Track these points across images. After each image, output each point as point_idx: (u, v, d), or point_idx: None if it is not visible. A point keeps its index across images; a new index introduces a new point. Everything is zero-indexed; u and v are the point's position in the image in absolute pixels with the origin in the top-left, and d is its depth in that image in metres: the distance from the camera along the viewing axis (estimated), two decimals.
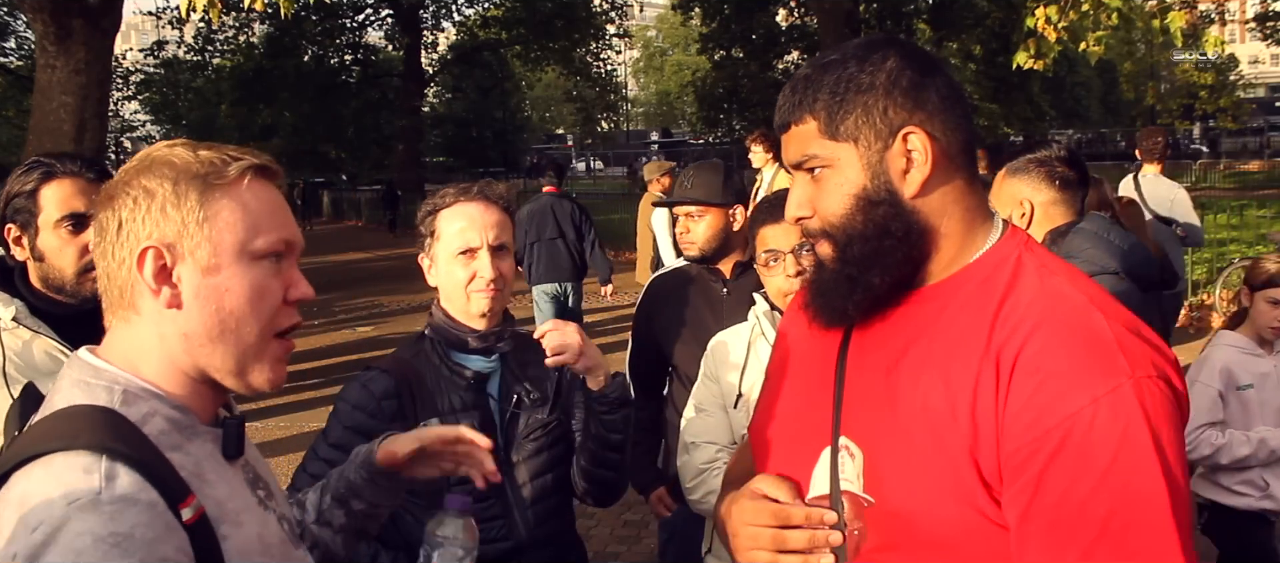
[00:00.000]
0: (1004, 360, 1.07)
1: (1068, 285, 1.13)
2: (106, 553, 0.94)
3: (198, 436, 1.12)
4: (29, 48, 26.90)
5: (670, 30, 61.82)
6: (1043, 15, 8.11)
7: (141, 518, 0.98)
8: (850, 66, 1.17)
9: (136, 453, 1.02)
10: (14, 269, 2.06)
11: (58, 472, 0.99)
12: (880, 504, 1.13)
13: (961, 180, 1.19)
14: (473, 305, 2.02)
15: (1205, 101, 41.38)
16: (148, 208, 1.09)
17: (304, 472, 2.01)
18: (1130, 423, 1.01)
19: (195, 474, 1.07)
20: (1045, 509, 1.03)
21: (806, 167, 1.21)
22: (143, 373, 1.11)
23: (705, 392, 2.41)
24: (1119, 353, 1.04)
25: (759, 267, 2.32)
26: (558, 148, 59.63)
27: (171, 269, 1.09)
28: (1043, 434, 1.02)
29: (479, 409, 2.03)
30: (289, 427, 7.09)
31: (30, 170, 2.02)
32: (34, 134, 9.71)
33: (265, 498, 1.20)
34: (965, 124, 1.19)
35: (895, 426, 1.13)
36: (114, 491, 0.98)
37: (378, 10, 32.49)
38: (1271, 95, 56.79)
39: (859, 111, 1.16)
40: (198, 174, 1.10)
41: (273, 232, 1.14)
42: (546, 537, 2.09)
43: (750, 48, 27.78)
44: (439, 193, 2.08)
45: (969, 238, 1.19)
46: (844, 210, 1.18)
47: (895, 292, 1.18)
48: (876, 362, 1.19)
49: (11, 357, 1.94)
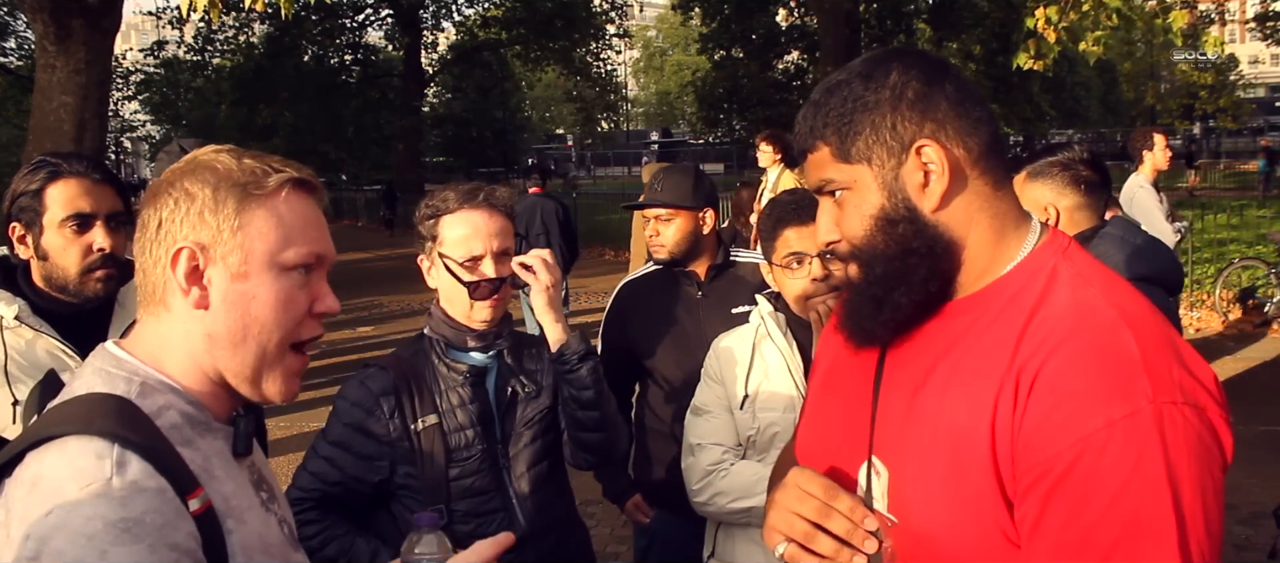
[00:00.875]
0: (1024, 379, 1.04)
1: (1101, 299, 1.08)
2: (117, 538, 0.97)
3: (210, 432, 1.15)
4: (29, 48, 26.90)
5: (670, 30, 61.84)
6: (1043, 16, 8.12)
7: (151, 504, 1.00)
8: (855, 86, 1.15)
9: (147, 443, 1.05)
10: (16, 268, 2.06)
11: (71, 456, 1.02)
12: (903, 524, 1.12)
13: (986, 185, 1.15)
14: (476, 313, 2.03)
15: (1205, 101, 41.37)
16: (187, 210, 1.13)
17: (304, 470, 2.02)
18: (1145, 452, 0.97)
19: (204, 469, 1.10)
20: (1050, 533, 1.00)
21: (827, 191, 1.19)
22: (165, 367, 1.14)
23: (709, 394, 2.40)
24: (1143, 375, 0.99)
25: (778, 268, 2.28)
26: (558, 148, 59.63)
27: (203, 271, 1.13)
28: (1054, 456, 0.99)
29: (477, 403, 2.04)
30: (289, 427, 7.09)
31: (36, 169, 2.02)
32: (34, 134, 9.71)
33: (267, 500, 1.22)
34: (983, 126, 1.15)
35: (919, 445, 1.11)
36: (125, 477, 1.00)
37: (378, 10, 32.47)
38: (1271, 95, 56.77)
39: (868, 131, 1.14)
40: (238, 183, 1.14)
41: (304, 245, 1.17)
42: (548, 525, 2.11)
43: (750, 48, 27.76)
44: (439, 194, 2.07)
45: (1001, 246, 1.15)
46: (865, 232, 1.16)
47: (925, 308, 1.16)
48: (905, 379, 1.17)
49: (13, 355, 1.94)
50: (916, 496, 1.10)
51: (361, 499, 2.02)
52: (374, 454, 1.98)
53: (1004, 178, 1.17)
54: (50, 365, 1.95)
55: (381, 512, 2.05)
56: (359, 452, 1.98)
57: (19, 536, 0.99)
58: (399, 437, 1.98)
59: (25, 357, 1.95)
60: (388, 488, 2.01)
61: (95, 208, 2.01)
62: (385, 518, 2.04)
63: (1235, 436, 1.06)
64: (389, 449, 1.98)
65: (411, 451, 1.98)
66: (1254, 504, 4.86)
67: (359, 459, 1.98)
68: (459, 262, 2.00)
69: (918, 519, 1.10)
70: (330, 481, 1.99)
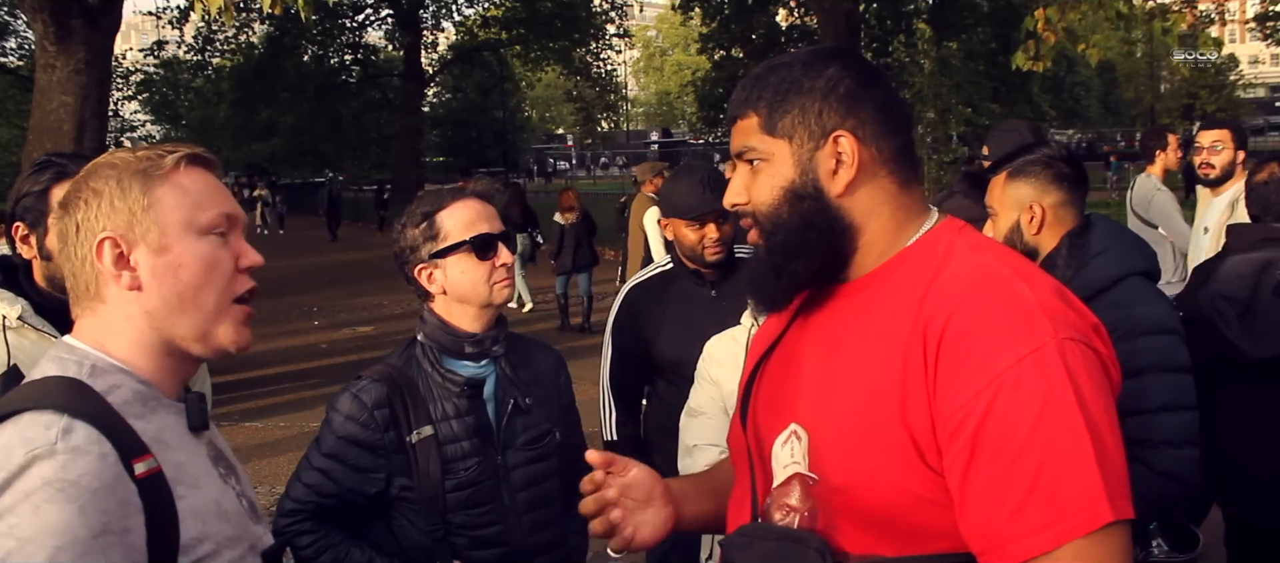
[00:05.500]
0: (931, 335, 1.13)
1: (995, 260, 1.20)
2: (52, 497, 1.05)
3: (162, 407, 1.23)
4: (29, 48, 26.90)
5: (670, 30, 61.81)
6: (1042, 17, 8.12)
7: (91, 468, 1.08)
8: (795, 70, 1.26)
9: (95, 413, 1.13)
10: (18, 267, 2.06)
11: (22, 426, 1.11)
12: (823, 482, 1.20)
13: (893, 183, 1.26)
14: (495, 296, 2.02)
15: (1205, 101, 41.38)
16: (97, 206, 1.22)
17: (298, 481, 2.00)
18: (1054, 381, 1.06)
19: (156, 439, 1.18)
20: (982, 468, 1.08)
21: (746, 158, 1.29)
22: (111, 351, 1.22)
23: (703, 395, 2.40)
24: (1042, 317, 1.10)
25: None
26: (558, 148, 59.62)
27: (128, 255, 1.22)
28: (974, 396, 1.08)
29: (473, 415, 2.02)
30: (289, 427, 7.10)
31: (42, 170, 2.02)
32: (34, 134, 9.71)
33: (226, 475, 1.30)
34: (900, 132, 1.27)
35: (835, 407, 1.20)
36: (70, 442, 1.09)
37: (378, 10, 32.44)
38: (1271, 95, 56.77)
39: (796, 112, 1.24)
40: (137, 169, 1.23)
41: (213, 208, 1.26)
42: (546, 543, 2.09)
43: (750, 48, 27.70)
44: (422, 201, 2.07)
45: (900, 232, 1.26)
46: (773, 201, 1.26)
47: (820, 280, 1.27)
48: (820, 349, 1.26)
49: (16, 355, 1.94)
50: (834, 453, 1.19)
51: (357, 510, 2.01)
52: (369, 467, 1.96)
53: (910, 179, 1.29)
54: None
55: (377, 522, 2.03)
56: (354, 464, 1.96)
57: None
58: (394, 449, 1.96)
59: (28, 356, 1.95)
60: (384, 499, 1.99)
61: None
62: (381, 528, 2.03)
63: None
64: (385, 462, 1.96)
65: (407, 463, 1.96)
66: None
67: (354, 472, 1.96)
68: (469, 250, 1.99)
69: (836, 475, 1.18)
70: (325, 493, 1.97)
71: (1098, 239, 2.36)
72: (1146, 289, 2.32)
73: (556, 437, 2.14)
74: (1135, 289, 2.29)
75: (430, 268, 2.02)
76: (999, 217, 2.46)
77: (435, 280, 2.03)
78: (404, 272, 2.07)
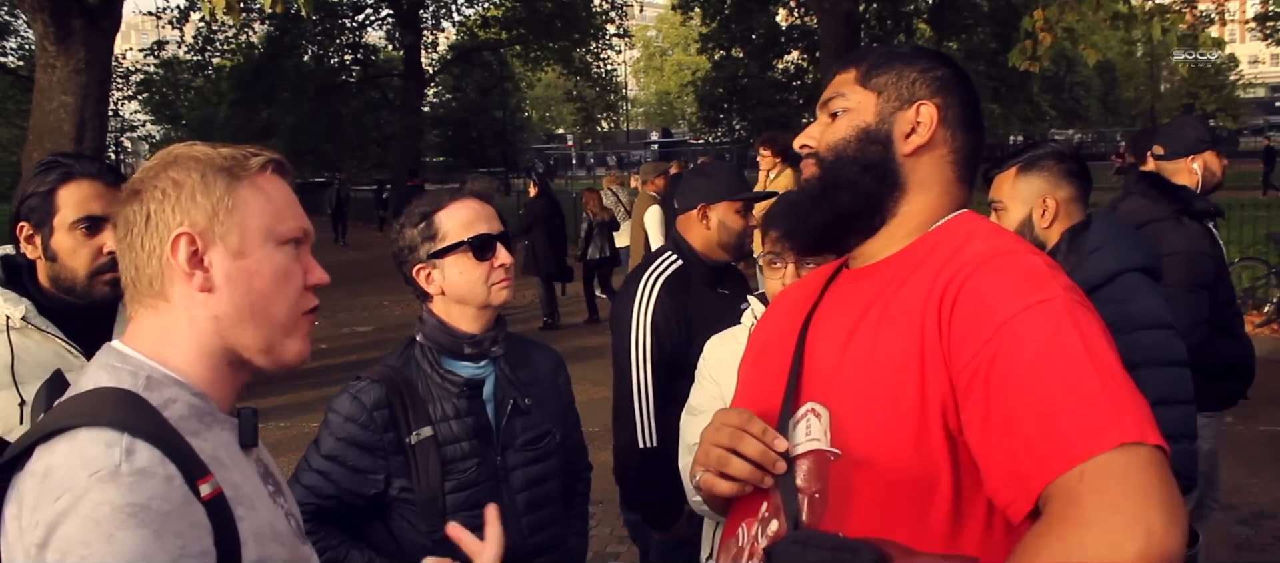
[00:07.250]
0: (946, 298, 1.18)
1: (1012, 241, 1.27)
2: (123, 522, 0.98)
3: (217, 423, 1.17)
4: (29, 48, 26.89)
5: (670, 30, 61.76)
6: (1040, 17, 8.11)
7: (159, 490, 1.01)
8: (906, 52, 1.36)
9: (156, 431, 1.06)
10: (22, 267, 2.06)
11: (80, 445, 1.03)
12: (846, 456, 1.22)
13: (952, 172, 1.33)
14: (493, 297, 2.01)
15: (1205, 101, 41.37)
16: (177, 198, 1.15)
17: (297, 483, 1.99)
18: (1059, 324, 1.11)
19: (213, 458, 1.11)
20: (998, 410, 1.10)
21: (831, 108, 1.36)
22: (168, 360, 1.15)
23: (703, 393, 2.40)
24: (1052, 279, 1.16)
25: (763, 263, 2.30)
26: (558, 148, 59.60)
27: (203, 254, 1.15)
28: (983, 344, 1.12)
29: (473, 416, 2.02)
30: (289, 427, 7.10)
31: (48, 170, 2.01)
32: (34, 134, 9.69)
33: (274, 492, 1.24)
34: (974, 134, 1.35)
35: (855, 382, 1.23)
36: (134, 464, 1.02)
37: (378, 10, 32.41)
38: (1271, 95, 56.74)
39: (893, 74, 1.33)
40: (222, 167, 1.17)
41: (292, 220, 1.21)
42: (546, 544, 2.09)
43: (750, 48, 27.71)
44: (422, 201, 2.06)
45: (933, 212, 1.32)
46: (845, 136, 1.33)
47: (852, 225, 1.32)
48: (838, 330, 1.30)
49: (20, 355, 1.94)
50: (856, 427, 1.21)
51: (356, 512, 2.01)
52: (368, 468, 1.96)
53: (967, 177, 1.35)
54: (56, 365, 1.95)
55: (376, 523, 2.03)
56: (353, 466, 1.96)
57: (31, 524, 1.00)
58: (394, 450, 1.96)
59: (32, 357, 1.95)
60: (383, 501, 1.99)
61: (107, 211, 2.00)
62: (380, 530, 2.03)
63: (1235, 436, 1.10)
64: (384, 463, 1.96)
65: (406, 464, 1.96)
66: (1254, 504, 4.86)
67: (353, 473, 1.96)
68: (468, 250, 1.99)
69: (859, 448, 1.20)
70: (324, 494, 1.97)
71: (1095, 236, 2.39)
72: (1142, 284, 2.33)
73: (556, 437, 2.14)
74: (1131, 284, 2.31)
75: (429, 268, 2.02)
76: (1008, 210, 2.49)
77: (434, 281, 2.02)
78: (403, 272, 2.07)
